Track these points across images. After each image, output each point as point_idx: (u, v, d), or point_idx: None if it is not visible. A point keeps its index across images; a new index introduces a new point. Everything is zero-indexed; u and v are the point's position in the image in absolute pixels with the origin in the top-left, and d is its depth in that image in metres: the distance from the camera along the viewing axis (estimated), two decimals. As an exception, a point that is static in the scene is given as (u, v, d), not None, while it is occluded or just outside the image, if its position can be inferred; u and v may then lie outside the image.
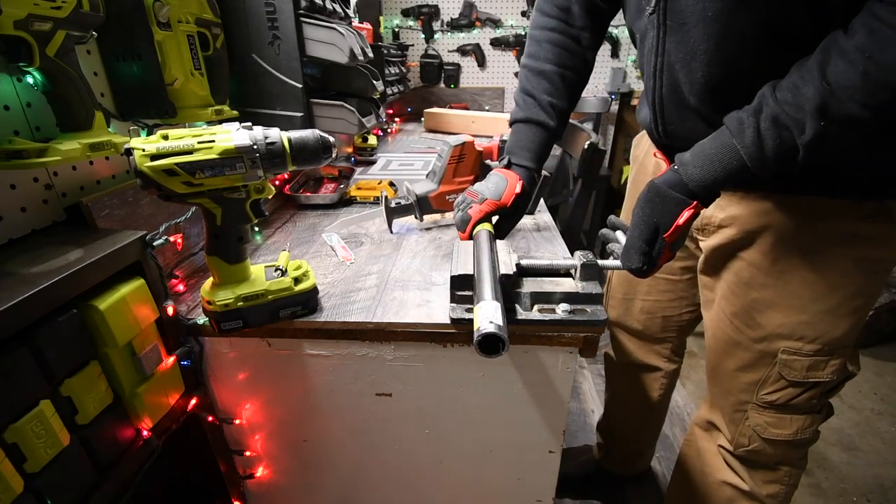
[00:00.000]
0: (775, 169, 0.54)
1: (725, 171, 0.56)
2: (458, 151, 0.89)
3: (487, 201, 0.73)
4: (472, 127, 1.94)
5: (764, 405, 0.76)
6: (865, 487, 1.32)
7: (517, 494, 0.79)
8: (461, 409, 0.70)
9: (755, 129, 0.53)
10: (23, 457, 0.43)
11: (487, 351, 0.49)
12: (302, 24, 0.94)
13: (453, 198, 0.92)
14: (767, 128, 0.52)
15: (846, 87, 0.47)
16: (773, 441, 0.77)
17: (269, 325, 0.63)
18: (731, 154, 0.56)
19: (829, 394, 0.74)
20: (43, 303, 0.44)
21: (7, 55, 0.50)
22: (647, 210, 0.61)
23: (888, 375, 1.77)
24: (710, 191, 0.58)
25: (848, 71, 0.47)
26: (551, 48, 0.81)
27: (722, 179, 0.56)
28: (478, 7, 2.41)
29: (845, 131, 0.49)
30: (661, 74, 0.67)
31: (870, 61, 0.45)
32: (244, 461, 0.78)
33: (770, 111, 0.52)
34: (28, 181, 0.55)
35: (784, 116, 0.51)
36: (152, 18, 0.64)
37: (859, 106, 0.47)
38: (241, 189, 0.54)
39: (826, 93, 0.48)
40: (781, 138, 0.52)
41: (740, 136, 0.55)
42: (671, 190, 0.59)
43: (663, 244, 0.60)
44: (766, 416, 0.76)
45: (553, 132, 0.81)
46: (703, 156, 0.58)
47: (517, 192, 0.75)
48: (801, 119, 0.50)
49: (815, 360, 0.70)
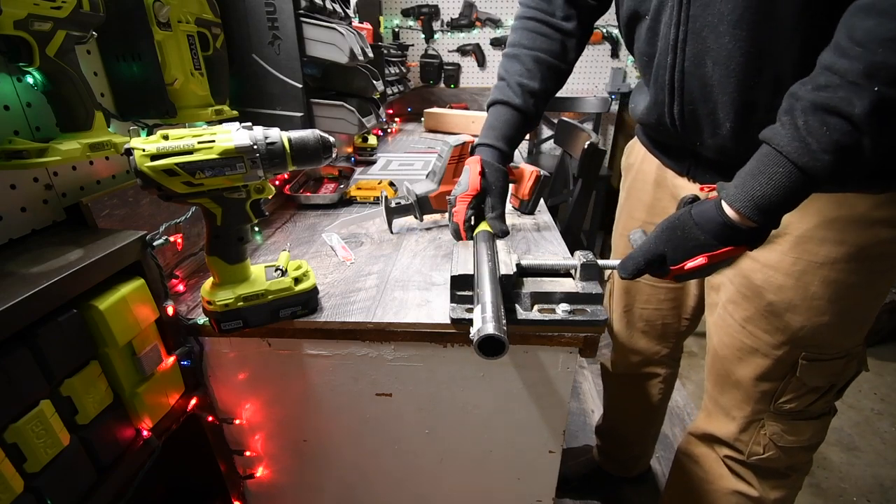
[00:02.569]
0: (836, 167, 0.44)
1: (772, 184, 0.47)
2: (458, 151, 0.89)
3: (458, 198, 0.73)
4: (472, 127, 1.94)
5: (781, 413, 0.73)
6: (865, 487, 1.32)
7: (517, 494, 0.79)
8: (461, 409, 0.70)
9: (792, 126, 0.46)
10: (23, 457, 0.43)
11: (487, 352, 0.49)
12: (302, 24, 0.94)
13: None
14: (807, 119, 0.45)
15: (888, 38, 0.40)
16: (787, 448, 0.75)
17: (270, 325, 0.63)
18: (773, 161, 0.47)
19: (839, 394, 0.72)
20: (43, 303, 0.44)
21: (7, 55, 0.50)
22: (662, 238, 0.56)
23: (888, 375, 1.77)
24: (764, 211, 0.48)
25: (882, 22, 0.40)
26: (526, 33, 0.81)
27: (772, 196, 0.47)
28: (478, 7, 2.41)
29: None
30: (685, 45, 0.60)
31: None
32: (244, 461, 0.78)
33: (805, 102, 0.45)
34: (28, 181, 0.55)
35: (823, 100, 0.44)
36: (152, 18, 0.64)
37: None
38: (241, 189, 0.54)
39: (867, 54, 0.41)
40: (828, 125, 0.43)
41: (776, 139, 0.47)
42: (697, 228, 0.52)
43: (666, 272, 0.57)
44: (782, 424, 0.74)
45: (520, 109, 0.79)
46: (742, 175, 0.50)
47: (480, 171, 0.73)
48: (845, 95, 0.42)
49: (836, 362, 0.68)
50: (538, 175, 0.96)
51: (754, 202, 0.48)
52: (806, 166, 0.45)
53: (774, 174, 0.47)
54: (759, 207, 0.48)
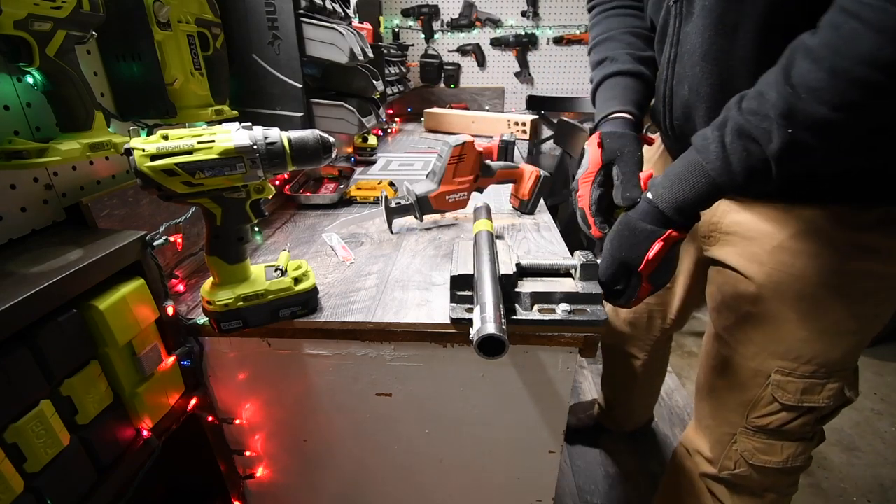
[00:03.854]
0: (747, 185, 0.50)
1: (694, 191, 0.52)
2: (458, 151, 0.89)
3: (580, 181, 0.67)
4: (472, 127, 1.94)
5: (754, 429, 0.72)
6: (865, 487, 1.32)
7: (517, 494, 0.79)
8: (461, 409, 0.70)
9: (720, 144, 0.50)
10: (23, 457, 0.43)
11: (487, 352, 0.49)
12: (302, 24, 0.94)
13: (453, 198, 0.92)
14: (732, 141, 0.49)
15: (812, 87, 0.43)
16: (760, 468, 0.73)
17: (269, 325, 0.63)
18: (698, 172, 0.52)
19: (823, 420, 0.70)
20: (43, 303, 0.44)
21: (7, 55, 0.50)
22: (615, 244, 0.58)
23: (888, 375, 1.76)
24: (683, 213, 0.54)
25: (812, 70, 0.43)
26: (613, 19, 0.78)
27: (692, 200, 0.53)
28: (478, 7, 2.41)
29: (816, 137, 0.45)
30: (674, 65, 0.64)
31: (836, 56, 0.41)
32: (244, 461, 0.78)
33: (734, 123, 0.49)
34: (28, 181, 0.55)
35: (749, 126, 0.48)
36: (152, 18, 0.64)
37: (828, 107, 0.42)
38: (241, 189, 0.54)
39: (791, 96, 0.44)
40: (748, 151, 0.48)
41: (705, 153, 0.51)
42: (641, 222, 0.56)
43: (639, 278, 0.58)
44: (756, 442, 0.72)
45: (635, 74, 0.72)
46: (672, 176, 0.55)
47: (599, 144, 0.66)
48: (766, 128, 0.46)
49: (811, 382, 0.66)
50: (538, 175, 0.97)
51: (676, 205, 0.54)
52: (724, 183, 0.51)
53: (697, 183, 0.53)
54: (680, 209, 0.54)
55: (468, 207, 0.94)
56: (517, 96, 2.57)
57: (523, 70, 2.50)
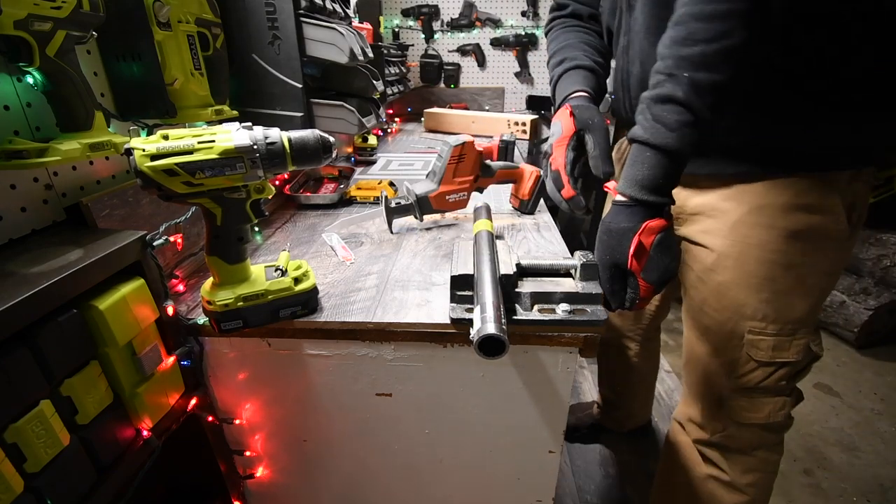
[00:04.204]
0: (683, 142, 0.55)
1: (647, 167, 0.57)
2: (458, 151, 0.89)
3: (554, 145, 0.72)
4: (472, 127, 1.94)
5: (736, 389, 0.78)
6: (865, 487, 1.32)
7: (517, 494, 0.79)
8: (461, 409, 0.70)
9: (646, 117, 0.58)
10: (23, 457, 0.43)
11: (487, 352, 0.49)
12: (302, 24, 0.94)
13: (453, 198, 0.92)
14: (652, 107, 0.57)
15: (681, 37, 0.54)
16: (747, 426, 0.79)
17: (270, 325, 0.63)
18: (643, 150, 0.58)
19: (797, 376, 0.78)
20: (43, 303, 0.44)
21: (7, 55, 0.50)
22: (601, 251, 0.62)
23: (888, 375, 1.76)
24: (647, 190, 0.57)
25: (678, 30, 0.55)
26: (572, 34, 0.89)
27: (650, 176, 0.57)
28: (478, 7, 2.41)
29: (708, 71, 0.53)
30: (627, 51, 0.74)
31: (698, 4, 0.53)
32: (244, 461, 0.78)
33: (647, 100, 0.58)
34: (28, 181, 0.55)
35: (657, 93, 0.56)
36: (152, 18, 0.64)
37: (704, 44, 0.52)
38: (241, 189, 0.54)
39: (674, 52, 0.55)
40: (667, 110, 0.55)
41: (640, 131, 0.58)
42: (615, 224, 0.59)
43: (635, 277, 0.60)
44: (740, 401, 0.78)
45: (590, 69, 0.82)
46: (626, 169, 0.60)
47: (571, 114, 0.72)
48: (670, 85, 0.55)
49: (779, 339, 0.73)
50: (538, 175, 0.97)
51: (637, 184, 0.58)
52: (663, 145, 0.56)
53: (645, 160, 0.57)
54: (643, 187, 0.58)
55: (468, 207, 0.94)
56: (517, 96, 2.57)
57: (523, 70, 2.50)
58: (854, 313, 1.84)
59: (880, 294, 1.85)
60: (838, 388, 1.70)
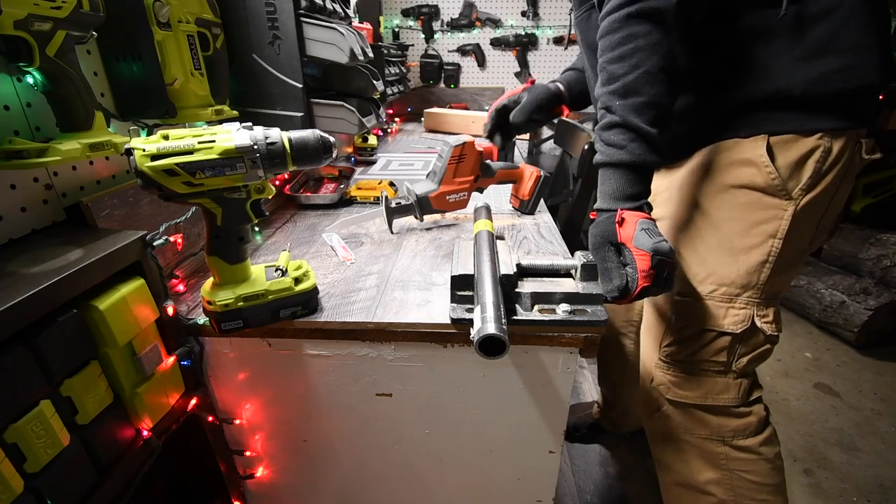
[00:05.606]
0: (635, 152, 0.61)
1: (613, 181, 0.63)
2: (458, 151, 0.89)
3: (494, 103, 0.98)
4: (472, 127, 1.94)
5: (665, 360, 0.75)
6: (865, 487, 1.32)
7: (517, 494, 0.79)
8: (461, 409, 0.70)
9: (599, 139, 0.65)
10: (23, 457, 0.43)
11: (488, 352, 0.49)
12: (302, 24, 0.94)
13: (454, 198, 0.92)
14: (601, 128, 0.64)
15: (606, 79, 0.62)
16: (678, 404, 0.75)
17: (270, 325, 0.63)
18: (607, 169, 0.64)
19: (751, 361, 0.73)
20: (43, 303, 0.44)
21: (7, 55, 0.50)
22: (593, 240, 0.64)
23: (888, 375, 1.76)
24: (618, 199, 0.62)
25: (602, 74, 0.64)
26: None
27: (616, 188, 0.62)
28: (478, 7, 2.41)
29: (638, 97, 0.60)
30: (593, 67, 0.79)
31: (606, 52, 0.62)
32: (244, 461, 0.78)
33: (597, 129, 0.65)
34: (28, 181, 0.55)
35: (602, 123, 0.64)
36: (152, 18, 0.64)
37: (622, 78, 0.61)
38: (241, 189, 0.54)
39: (603, 91, 0.63)
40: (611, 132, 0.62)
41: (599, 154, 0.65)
42: (599, 221, 0.63)
43: (628, 250, 0.59)
44: (670, 375, 0.76)
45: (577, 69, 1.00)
46: (598, 190, 0.66)
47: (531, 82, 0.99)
48: (610, 118, 0.62)
49: (713, 304, 0.71)
50: (538, 175, 0.97)
51: (609, 196, 0.63)
52: (617, 160, 0.61)
53: (609, 177, 0.63)
54: (613, 197, 0.63)
55: (468, 208, 0.94)
56: (517, 96, 2.57)
57: (523, 70, 2.49)
58: (854, 313, 1.84)
59: (880, 294, 1.84)
60: (838, 388, 1.70)
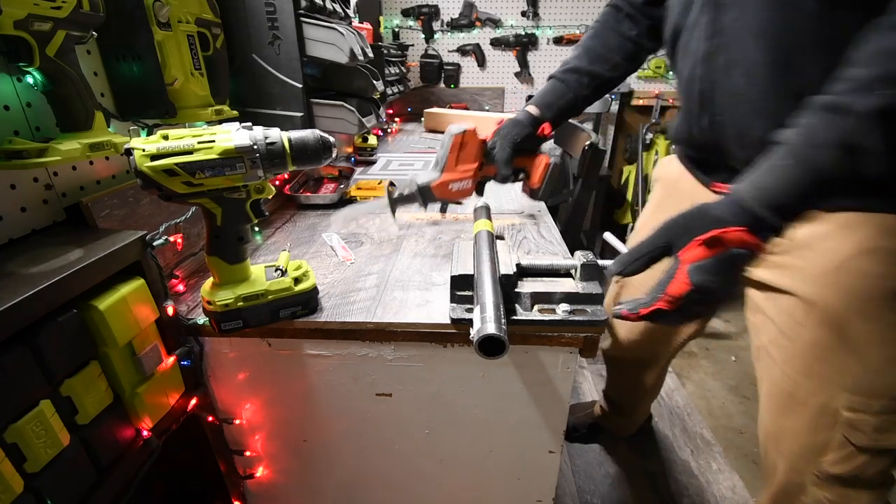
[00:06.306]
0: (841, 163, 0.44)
1: (777, 176, 0.46)
2: (459, 139, 0.85)
3: None
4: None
5: (826, 478, 0.64)
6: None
7: (517, 494, 0.79)
8: (461, 409, 0.70)
9: (801, 125, 0.46)
10: (23, 457, 0.43)
11: (488, 352, 0.49)
12: (302, 24, 0.94)
13: (457, 186, 0.89)
14: (816, 117, 0.46)
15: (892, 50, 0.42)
16: None
17: (270, 325, 0.63)
18: (782, 156, 0.47)
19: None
20: (43, 303, 0.44)
21: (7, 55, 0.50)
22: (663, 230, 0.52)
23: (888, 375, 1.76)
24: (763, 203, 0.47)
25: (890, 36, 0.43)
26: (611, 16, 0.90)
27: (774, 187, 0.46)
28: (478, 7, 2.41)
29: None
30: (715, 57, 0.61)
31: None
32: (244, 461, 0.78)
33: (816, 105, 0.46)
34: (28, 181, 0.55)
35: (832, 100, 0.45)
36: (152, 18, 0.64)
37: None
38: (241, 189, 0.54)
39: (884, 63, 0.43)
40: (834, 122, 0.44)
41: (785, 135, 0.47)
42: (712, 210, 0.49)
43: (676, 266, 0.49)
44: (828, 492, 0.64)
45: (558, 78, 0.93)
46: (754, 173, 0.49)
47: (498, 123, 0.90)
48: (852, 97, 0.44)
49: (886, 418, 0.59)
50: (548, 162, 0.92)
51: (756, 188, 0.48)
52: (808, 158, 0.45)
53: (777, 168, 0.47)
54: (761, 195, 0.47)
55: (469, 207, 0.94)
56: (517, 96, 2.57)
57: (523, 70, 2.49)
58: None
59: None
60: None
